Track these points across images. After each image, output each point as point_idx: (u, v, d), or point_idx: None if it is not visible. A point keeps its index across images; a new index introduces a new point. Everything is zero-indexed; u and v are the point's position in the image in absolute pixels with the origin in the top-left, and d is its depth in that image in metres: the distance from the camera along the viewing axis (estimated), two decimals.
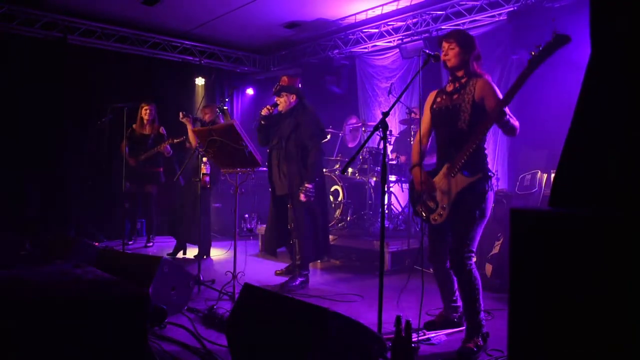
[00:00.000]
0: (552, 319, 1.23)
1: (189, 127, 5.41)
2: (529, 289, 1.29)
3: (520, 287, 1.30)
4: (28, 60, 6.49)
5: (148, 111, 6.06)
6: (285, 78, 4.37)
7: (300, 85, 4.44)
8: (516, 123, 2.67)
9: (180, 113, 5.45)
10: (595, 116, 1.36)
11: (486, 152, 2.82)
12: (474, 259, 2.77)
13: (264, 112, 4.34)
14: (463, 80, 2.81)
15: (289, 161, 4.22)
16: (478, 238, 2.76)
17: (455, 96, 2.81)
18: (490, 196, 2.76)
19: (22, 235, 4.48)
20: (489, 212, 2.77)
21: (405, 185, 6.05)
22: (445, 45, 2.81)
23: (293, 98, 4.32)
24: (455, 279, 2.99)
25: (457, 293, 3.08)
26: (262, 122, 4.37)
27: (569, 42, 2.38)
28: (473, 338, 2.72)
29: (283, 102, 4.30)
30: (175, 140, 5.78)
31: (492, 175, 2.79)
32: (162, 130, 6.15)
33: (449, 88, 2.89)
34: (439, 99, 2.92)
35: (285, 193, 4.28)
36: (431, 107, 2.95)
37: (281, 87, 4.32)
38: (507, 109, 2.62)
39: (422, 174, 2.86)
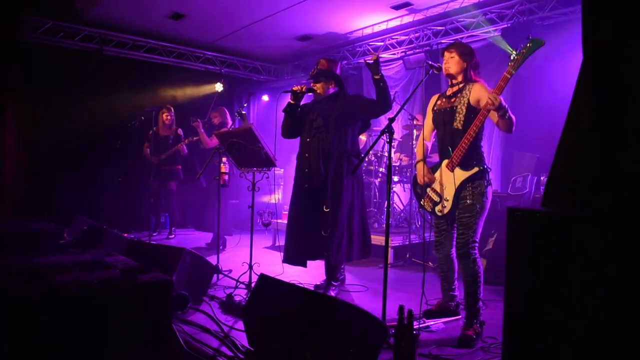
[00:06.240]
0: (544, 309, 1.22)
1: (199, 131, 5.61)
2: (523, 282, 1.27)
3: (515, 280, 1.29)
4: (70, 69, 6.57)
5: (168, 116, 6.20)
6: (324, 62, 3.58)
7: (339, 72, 3.66)
8: (513, 117, 2.68)
9: (191, 119, 5.66)
10: (586, 121, 1.34)
11: (482, 149, 2.83)
12: (477, 249, 2.79)
13: (295, 87, 3.50)
14: (460, 86, 2.85)
15: (333, 145, 3.45)
16: (480, 230, 2.79)
17: (452, 99, 2.86)
18: (489, 190, 2.79)
19: (60, 226, 4.53)
20: (488, 205, 2.80)
21: (407, 186, 6.01)
22: (446, 55, 2.88)
23: (332, 85, 3.58)
24: (457, 269, 3.02)
25: (456, 283, 3.09)
26: (292, 101, 3.53)
27: (543, 45, 2.50)
28: (472, 325, 2.72)
29: (321, 88, 3.55)
30: (193, 139, 5.98)
31: (489, 169, 2.80)
32: (179, 131, 6.30)
33: (448, 92, 2.93)
34: (439, 102, 2.97)
35: (321, 185, 3.44)
36: (432, 109, 3.01)
37: (319, 72, 3.54)
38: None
39: (425, 168, 2.91)
